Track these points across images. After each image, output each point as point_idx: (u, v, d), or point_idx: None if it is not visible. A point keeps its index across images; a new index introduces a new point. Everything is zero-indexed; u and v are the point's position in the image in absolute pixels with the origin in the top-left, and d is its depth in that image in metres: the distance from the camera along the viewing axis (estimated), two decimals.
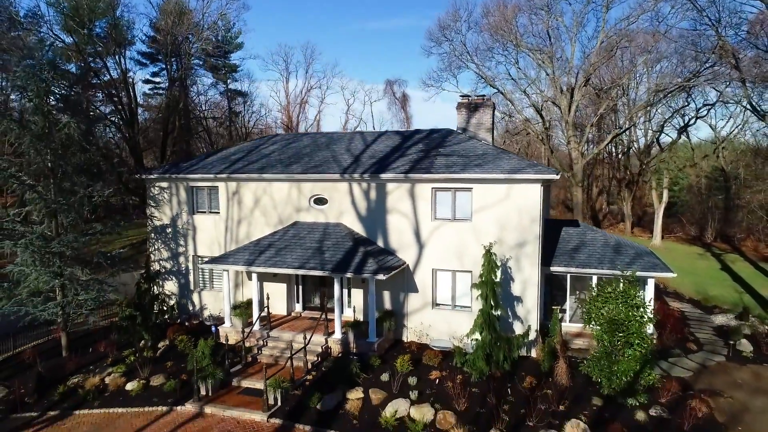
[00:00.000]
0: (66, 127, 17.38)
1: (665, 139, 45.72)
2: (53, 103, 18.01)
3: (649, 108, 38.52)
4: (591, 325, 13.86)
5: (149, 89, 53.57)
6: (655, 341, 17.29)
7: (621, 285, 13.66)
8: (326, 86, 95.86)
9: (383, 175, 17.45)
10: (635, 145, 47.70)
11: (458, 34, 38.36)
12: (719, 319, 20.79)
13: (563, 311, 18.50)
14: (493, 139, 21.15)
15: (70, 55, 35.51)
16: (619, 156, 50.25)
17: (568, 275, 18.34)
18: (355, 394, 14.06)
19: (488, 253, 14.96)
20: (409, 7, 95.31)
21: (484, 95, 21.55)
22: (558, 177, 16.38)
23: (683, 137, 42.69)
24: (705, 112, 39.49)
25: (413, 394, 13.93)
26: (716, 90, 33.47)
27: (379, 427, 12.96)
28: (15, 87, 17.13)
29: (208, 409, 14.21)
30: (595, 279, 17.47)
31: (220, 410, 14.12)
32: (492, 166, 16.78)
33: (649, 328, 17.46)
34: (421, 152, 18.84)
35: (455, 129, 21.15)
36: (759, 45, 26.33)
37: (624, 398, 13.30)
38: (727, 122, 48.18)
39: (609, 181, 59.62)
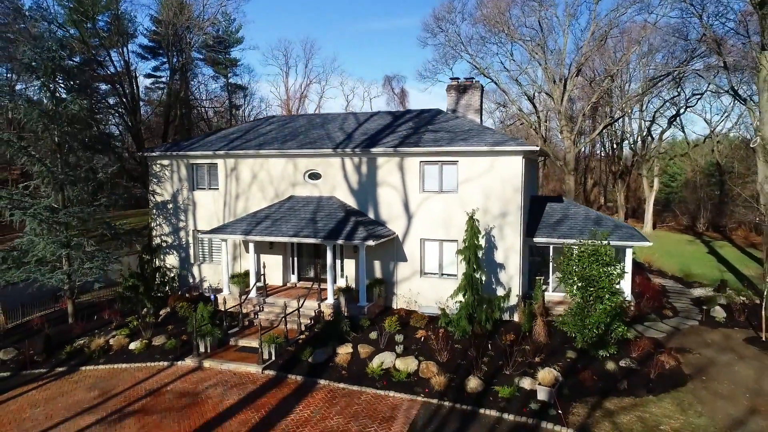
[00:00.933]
0: (72, 104, 18.31)
1: (663, 134, 46.49)
2: (60, 81, 18.85)
3: (639, 98, 39.28)
4: (566, 284, 14.72)
5: (151, 83, 54.56)
6: (632, 308, 18.22)
7: (593, 245, 14.53)
8: (325, 81, 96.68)
9: (374, 150, 18.34)
10: (628, 137, 48.54)
11: (453, 25, 39.21)
12: (697, 292, 21.66)
13: (546, 282, 19.38)
14: (481, 119, 22.03)
15: (74, 47, 36.45)
16: (613, 147, 51.03)
17: (551, 247, 19.18)
18: (345, 349, 14.96)
19: (471, 220, 15.82)
20: (409, 6, 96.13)
21: (472, 78, 22.45)
22: (538, 149, 17.23)
23: (678, 132, 43.59)
24: (695, 102, 40.34)
25: (399, 349, 14.82)
26: (702, 77, 34.24)
27: (366, 376, 13.86)
28: (23, 65, 17.91)
29: (206, 363, 15.14)
30: (576, 250, 18.33)
31: (217, 364, 15.05)
32: (477, 139, 17.67)
33: (627, 295, 18.40)
34: (410, 129, 19.74)
35: (445, 110, 22.03)
36: (741, 32, 27.12)
37: (596, 350, 14.19)
38: (723, 117, 48.68)
39: (606, 175, 60.47)
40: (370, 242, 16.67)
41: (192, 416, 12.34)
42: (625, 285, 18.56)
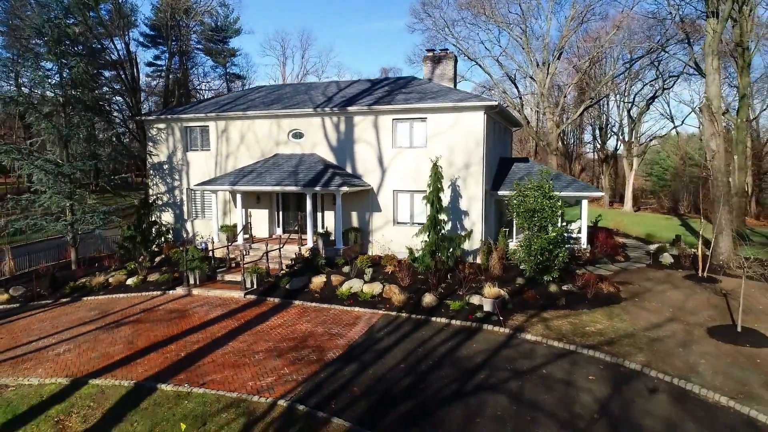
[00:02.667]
0: (76, 67, 20.07)
1: (642, 115, 48.07)
2: (65, 46, 20.60)
3: (616, 78, 40.91)
4: (516, 216, 16.42)
5: (152, 71, 56.44)
6: (587, 254, 19.91)
7: (537, 180, 16.24)
8: (322, 72, 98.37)
9: (350, 108, 20.06)
10: (612, 122, 50.17)
11: (438, 10, 40.88)
12: (653, 246, 23.30)
13: (511, 234, 21.05)
14: (455, 87, 23.70)
15: (77, 33, 38.26)
16: (599, 130, 52.63)
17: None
18: (319, 279, 16.67)
19: (435, 167, 17.51)
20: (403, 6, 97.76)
21: (446, 49, 24.16)
22: (497, 104, 18.89)
23: (668, 122, 45.04)
24: (672, 84, 41.91)
25: (367, 278, 16.55)
26: (679, 58, 35.84)
27: (336, 297, 15.59)
28: (31, 29, 19.66)
29: (195, 291, 16.89)
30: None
31: (204, 291, 16.81)
32: (443, 98, 19.39)
33: (583, 243, 20.11)
34: (385, 92, 21.45)
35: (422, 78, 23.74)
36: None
37: (541, 276, 15.88)
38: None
39: (593, 162, 62.17)
40: (345, 188, 18.38)
41: (179, 324, 14.07)
42: (582, 233, 20.31)
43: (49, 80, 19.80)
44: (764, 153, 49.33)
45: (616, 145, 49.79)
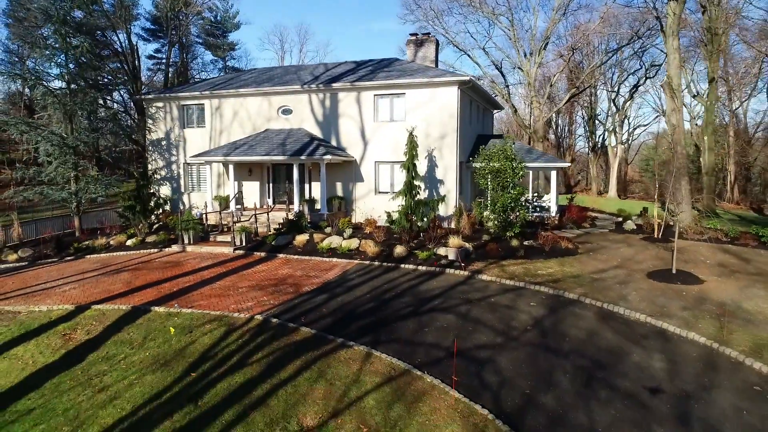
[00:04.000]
0: (80, 47, 21.59)
1: (626, 104, 49.48)
2: (70, 28, 22.10)
3: (600, 67, 42.31)
4: (481, 178, 17.89)
5: (152, 64, 57.95)
6: (555, 221, 21.36)
7: (501, 145, 17.71)
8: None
9: (335, 85, 21.55)
10: (599, 110, 51.55)
11: (428, 1, 42.30)
12: (621, 218, 24.71)
13: (486, 205, 22.49)
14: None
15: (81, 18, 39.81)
16: (588, 120, 54.01)
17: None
18: (302, 237, 18.15)
19: (411, 136, 18.97)
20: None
21: (428, 33, 25.65)
22: (469, 78, 20.33)
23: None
24: (654, 73, 43.27)
25: (346, 235, 18.04)
26: (660, 49, 37.19)
27: (316, 251, 17.08)
28: (39, 9, 21.16)
29: (189, 248, 18.41)
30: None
31: (198, 248, 18.32)
32: (421, 74, 20.86)
33: (552, 211, 21.55)
34: (369, 71, 22.93)
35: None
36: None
37: (504, 232, 17.34)
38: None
39: (587, 156, 63.51)
40: (328, 157, 19.87)
41: (173, 270, 15.58)
42: (551, 202, 21.77)
43: (55, 59, 21.31)
44: (751, 143, 50.67)
45: (603, 134, 51.20)
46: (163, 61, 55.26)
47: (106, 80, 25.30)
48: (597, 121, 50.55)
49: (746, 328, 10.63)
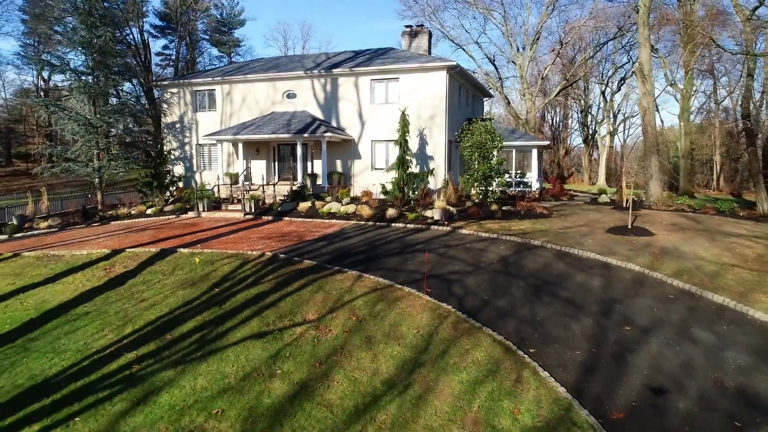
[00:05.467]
0: (103, 36, 23.73)
1: (614, 96, 51.43)
2: (96, 18, 24.26)
3: (589, 60, 44.30)
4: (464, 150, 19.97)
5: (160, 60, 60.20)
6: (536, 194, 23.41)
7: (481, 123, 19.79)
8: None
9: (335, 71, 23.64)
10: (592, 103, 53.54)
11: None
12: (597, 194, 26.75)
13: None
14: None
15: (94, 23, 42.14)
16: (581, 113, 56.02)
17: None
18: (305, 204, 20.26)
19: (403, 115, 21.01)
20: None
21: (422, 25, 27.74)
22: (456, 64, 22.37)
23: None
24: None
25: (344, 202, 20.13)
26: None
27: (318, 214, 19.19)
28: (70, 2, 23.30)
29: (203, 215, 20.55)
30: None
31: (211, 214, 20.47)
32: (413, 61, 22.94)
33: (534, 185, 23.60)
34: (366, 59, 25.04)
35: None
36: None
37: (485, 199, 19.41)
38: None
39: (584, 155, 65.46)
40: (329, 134, 21.97)
41: (191, 228, 17.70)
42: (533, 177, 23.82)
43: (80, 48, 23.46)
44: (739, 137, 52.60)
45: (593, 125, 53.14)
46: (171, 56, 57.63)
47: (122, 70, 27.22)
48: (590, 114, 52.54)
49: (676, 261, 12.69)
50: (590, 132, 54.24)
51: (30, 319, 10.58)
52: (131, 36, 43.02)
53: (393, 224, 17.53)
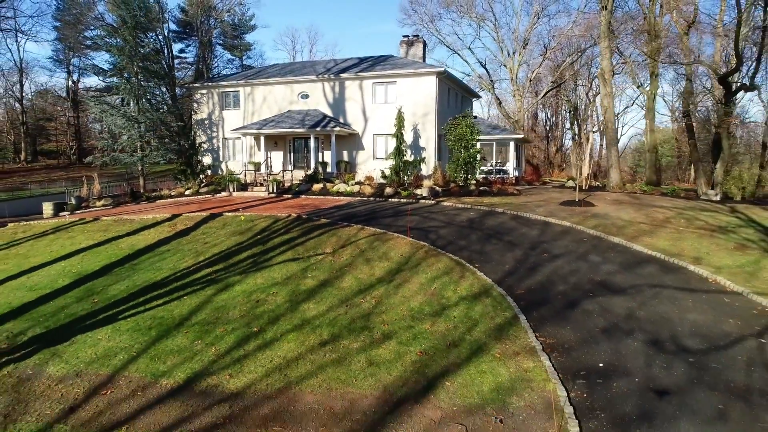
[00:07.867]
0: (146, 45, 28.11)
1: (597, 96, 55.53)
2: (139, 31, 28.63)
3: (577, 63, 48.45)
4: (448, 142, 24.20)
5: (177, 63, 64.75)
6: (513, 180, 27.61)
7: (463, 119, 24.01)
8: None
9: (343, 75, 27.95)
10: (580, 103, 57.62)
11: (423, 6, 48.61)
12: (566, 181, 30.90)
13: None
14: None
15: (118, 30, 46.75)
16: (570, 113, 60.11)
17: None
18: (318, 185, 24.56)
19: (399, 112, 25.25)
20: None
21: (417, 35, 32.03)
22: (444, 69, 26.61)
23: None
24: (620, 69, 49.27)
25: (351, 183, 24.44)
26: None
27: (329, 193, 23.51)
28: (120, 18, 27.66)
29: (234, 194, 24.90)
30: (478, 144, 27.78)
31: (240, 194, 24.82)
32: (409, 67, 27.23)
33: (510, 173, 27.78)
34: (369, 65, 29.34)
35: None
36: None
37: (466, 182, 23.64)
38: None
39: (578, 153, 69.66)
40: (337, 129, 26.27)
41: (227, 202, 22.03)
42: (509, 167, 28.02)
43: (127, 56, 27.85)
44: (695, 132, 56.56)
45: (579, 124, 57.32)
46: (187, 59, 62.24)
47: (160, 74, 31.51)
48: (578, 113, 56.66)
49: (600, 220, 16.88)
50: (577, 130, 58.37)
51: (127, 255, 14.91)
52: (158, 40, 47.58)
53: (390, 199, 21.80)
